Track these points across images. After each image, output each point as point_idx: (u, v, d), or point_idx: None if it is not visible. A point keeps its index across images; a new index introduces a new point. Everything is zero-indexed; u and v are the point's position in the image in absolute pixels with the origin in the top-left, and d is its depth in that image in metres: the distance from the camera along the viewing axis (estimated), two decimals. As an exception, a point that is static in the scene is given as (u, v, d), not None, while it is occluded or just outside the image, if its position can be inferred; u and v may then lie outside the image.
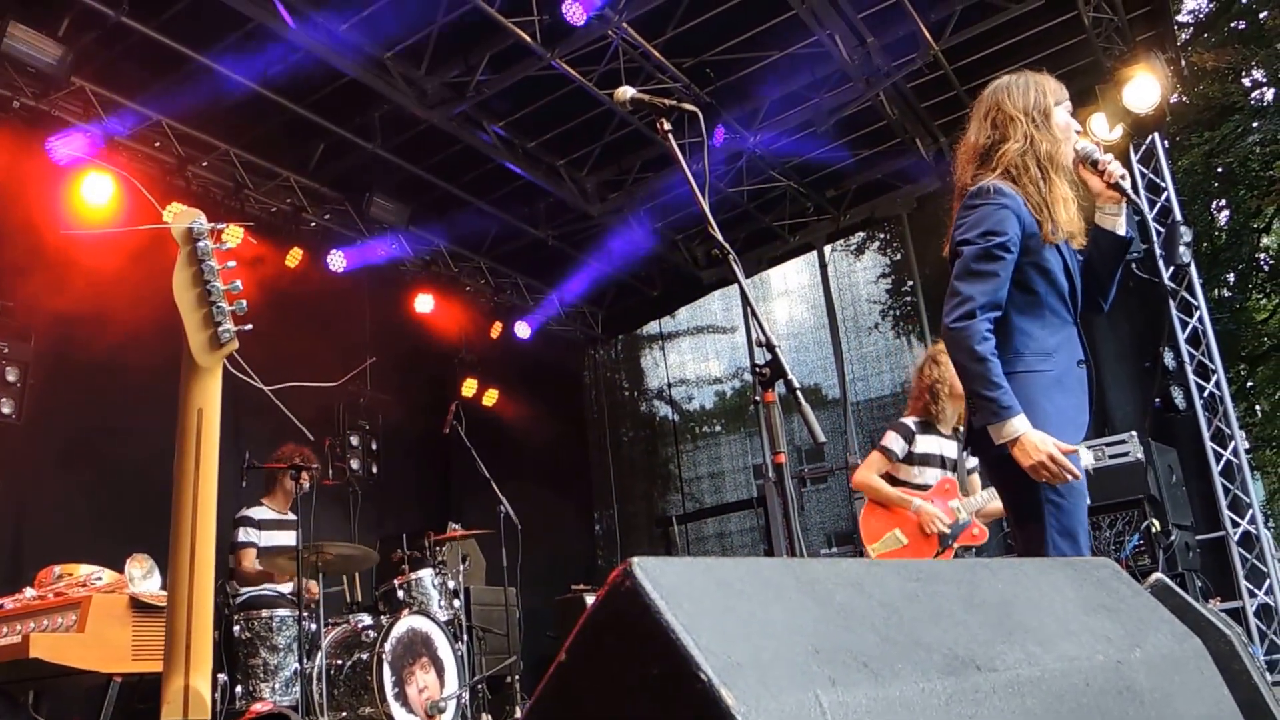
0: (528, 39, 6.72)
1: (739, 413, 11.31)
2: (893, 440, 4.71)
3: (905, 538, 4.57)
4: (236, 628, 5.29)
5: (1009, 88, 2.80)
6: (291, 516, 5.88)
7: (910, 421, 4.75)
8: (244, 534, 5.76)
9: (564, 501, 10.77)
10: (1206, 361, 8.21)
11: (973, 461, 4.65)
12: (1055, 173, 2.68)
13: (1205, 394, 8.13)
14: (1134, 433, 7.19)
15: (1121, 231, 2.78)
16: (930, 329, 9.51)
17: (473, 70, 7.16)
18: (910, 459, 4.68)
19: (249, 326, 2.10)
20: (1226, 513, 7.87)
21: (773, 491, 9.53)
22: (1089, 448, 3.23)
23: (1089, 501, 2.81)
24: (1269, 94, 14.34)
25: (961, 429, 4.56)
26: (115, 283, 6.27)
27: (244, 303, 2.09)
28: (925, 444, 4.70)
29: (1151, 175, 8.64)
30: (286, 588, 5.71)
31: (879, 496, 4.67)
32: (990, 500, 4.55)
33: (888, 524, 4.64)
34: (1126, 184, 2.70)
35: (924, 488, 4.65)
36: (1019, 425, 2.50)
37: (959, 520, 4.53)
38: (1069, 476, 2.53)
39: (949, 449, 4.70)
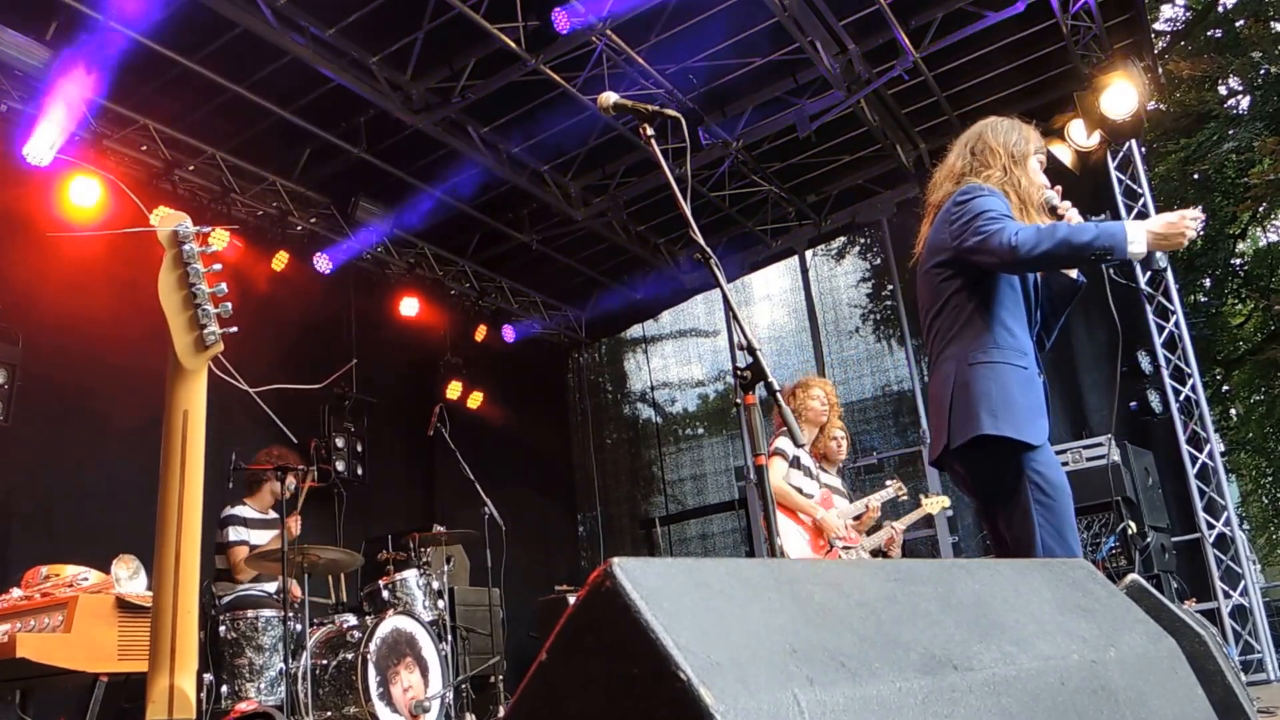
0: (512, 45, 6.74)
1: (721, 415, 11.35)
2: (783, 443, 5.09)
3: (808, 543, 5.05)
4: (222, 628, 5.29)
5: (996, 125, 2.95)
6: (275, 516, 5.87)
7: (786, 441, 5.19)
8: (235, 532, 5.75)
9: (548, 503, 10.78)
10: (1182, 365, 8.29)
11: (831, 480, 5.31)
12: (1030, 207, 2.83)
13: (1181, 398, 8.22)
14: (1110, 436, 7.28)
15: (1074, 275, 2.91)
16: (910, 333, 9.57)
17: (458, 75, 7.17)
18: (796, 463, 5.12)
19: (234, 329, 2.10)
20: (1202, 515, 7.95)
21: (754, 493, 9.58)
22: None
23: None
24: (1244, 102, 14.49)
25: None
26: (101, 285, 6.26)
27: (229, 305, 2.10)
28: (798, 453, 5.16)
29: (1129, 181, 8.73)
30: (271, 586, 5.72)
31: (789, 502, 5.04)
32: (855, 511, 5.29)
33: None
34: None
35: (808, 496, 5.10)
36: (1132, 230, 2.56)
37: (840, 528, 5.11)
38: (1193, 229, 2.57)
39: (812, 463, 5.22)
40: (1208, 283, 16.38)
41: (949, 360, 2.70)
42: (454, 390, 9.49)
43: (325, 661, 5.33)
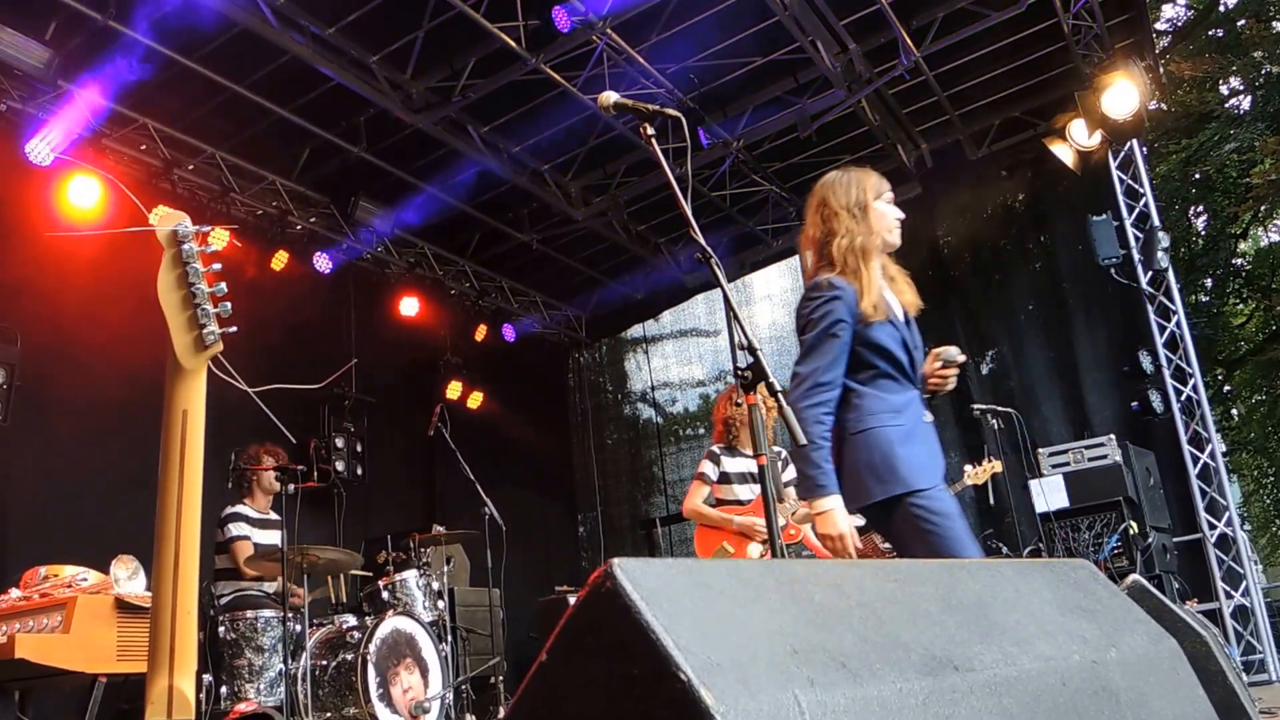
0: (513, 44, 6.74)
1: (722, 416, 11.31)
2: (706, 466, 5.25)
3: (732, 547, 5.06)
4: (221, 628, 5.28)
5: (834, 184, 3.10)
6: (275, 516, 5.87)
7: (716, 448, 5.29)
8: (237, 528, 5.75)
9: (548, 503, 10.78)
10: (1184, 365, 8.29)
11: (789, 474, 5.16)
12: (867, 262, 2.98)
13: (1183, 398, 8.21)
14: (1112, 436, 7.27)
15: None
16: (912, 333, 9.56)
17: (458, 75, 7.16)
18: (726, 479, 5.19)
19: (234, 329, 2.10)
20: (1203, 515, 7.95)
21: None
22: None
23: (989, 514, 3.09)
24: (1245, 102, 14.49)
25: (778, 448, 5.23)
26: (101, 285, 6.25)
27: (229, 305, 2.09)
28: (732, 464, 5.22)
29: (1130, 181, 8.72)
30: (271, 587, 5.71)
31: (705, 520, 5.16)
32: (799, 506, 5.12)
33: (716, 539, 5.12)
34: (943, 392, 3.12)
35: (744, 502, 5.13)
36: (830, 503, 2.80)
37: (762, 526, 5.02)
38: (848, 554, 2.80)
39: (755, 466, 5.12)
40: (1209, 283, 16.39)
41: (834, 432, 2.90)
42: (454, 390, 9.49)
43: (325, 662, 5.33)
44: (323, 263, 8.36)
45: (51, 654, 3.52)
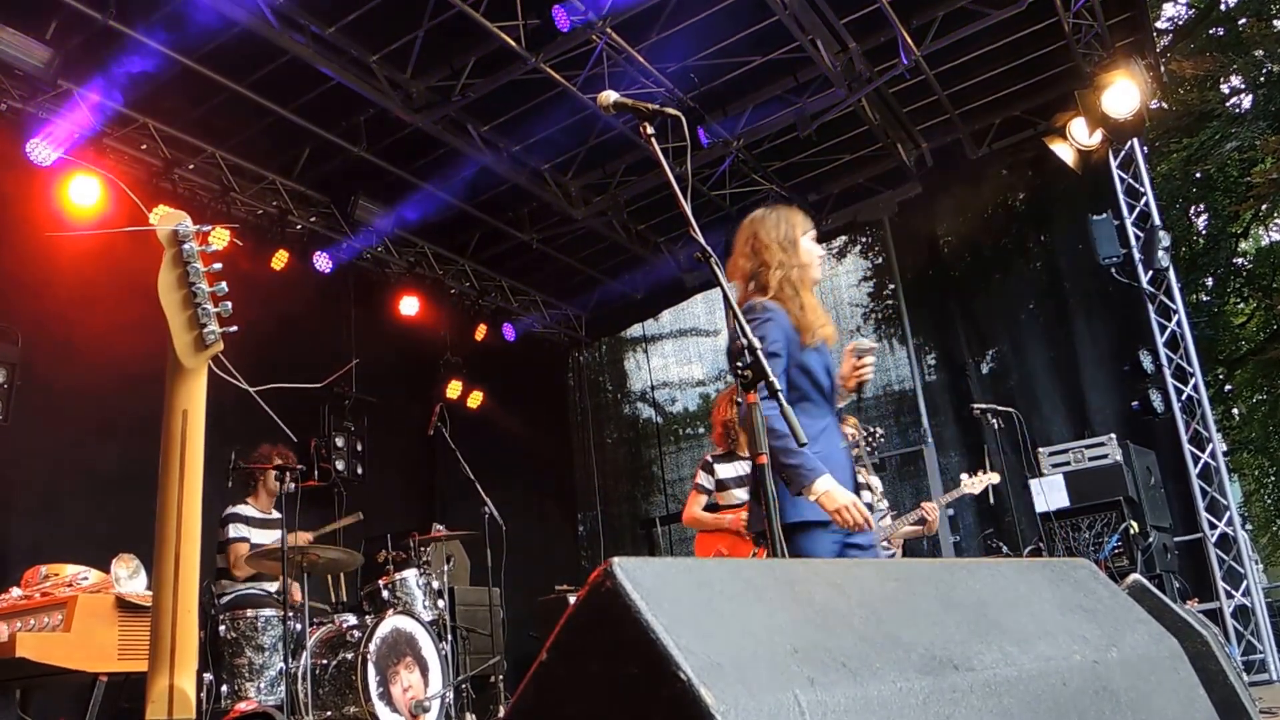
0: (512, 43, 6.73)
1: (722, 415, 11.31)
2: (701, 478, 5.31)
3: (727, 550, 5.08)
4: (222, 627, 5.28)
5: (764, 220, 3.28)
6: (277, 516, 5.87)
7: (709, 456, 5.35)
8: (235, 529, 5.75)
9: (548, 503, 10.78)
10: (1185, 365, 8.29)
11: None
12: (804, 290, 3.18)
13: (1183, 397, 8.21)
14: (1113, 435, 7.27)
15: (866, 345, 3.35)
16: (911, 332, 9.57)
17: (458, 74, 7.17)
18: (723, 486, 5.22)
19: (234, 328, 2.10)
20: (1204, 514, 7.95)
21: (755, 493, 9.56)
22: None
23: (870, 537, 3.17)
24: (1246, 101, 14.48)
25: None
26: (101, 284, 6.25)
27: (229, 305, 2.09)
28: (727, 470, 5.24)
29: (1131, 180, 8.72)
30: (272, 586, 5.72)
31: (702, 526, 5.23)
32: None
33: (713, 544, 5.16)
34: (866, 388, 3.31)
35: (745, 505, 5.10)
36: (823, 484, 2.92)
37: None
38: (865, 524, 2.95)
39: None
40: (1210, 282, 16.38)
41: (749, 460, 3.02)
42: (454, 389, 9.49)
43: (325, 661, 5.33)
44: (323, 262, 8.36)
45: (52, 653, 3.52)
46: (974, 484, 5.88)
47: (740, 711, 1.14)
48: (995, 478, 5.93)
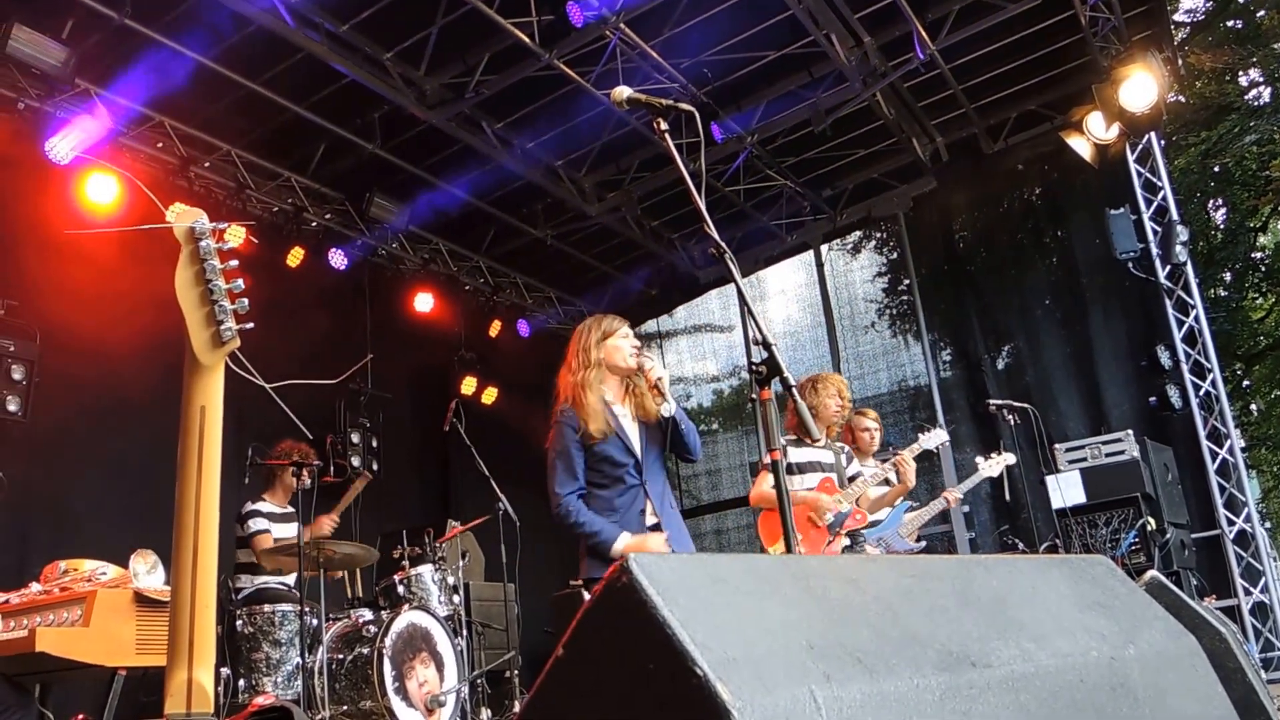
0: (526, 40, 6.73)
1: (736, 411, 11.32)
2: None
3: (799, 533, 5.01)
4: (239, 622, 5.32)
5: (580, 328, 3.81)
6: (294, 510, 5.91)
7: (783, 440, 5.16)
8: (256, 523, 5.79)
9: (562, 499, 10.77)
10: (1203, 360, 8.23)
11: (853, 469, 5.28)
12: (587, 392, 3.67)
13: (1201, 393, 8.16)
14: (1130, 431, 7.23)
15: (666, 414, 3.75)
16: (926, 327, 9.53)
17: (472, 71, 7.17)
18: (791, 470, 5.12)
19: (250, 325, 2.10)
20: (1222, 511, 7.89)
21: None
22: None
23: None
24: (1265, 94, 14.35)
25: (832, 441, 5.34)
26: (119, 281, 6.29)
27: (245, 301, 2.10)
28: (799, 455, 5.19)
29: (1148, 174, 8.66)
30: (291, 579, 5.76)
31: (772, 504, 5.08)
32: (864, 489, 5.14)
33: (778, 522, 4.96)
34: (665, 385, 3.70)
35: (810, 490, 5.13)
36: (622, 542, 3.54)
37: (841, 510, 5.03)
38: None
39: (824, 456, 5.23)
40: (1228, 277, 16.25)
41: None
42: (469, 385, 9.51)
43: (341, 656, 5.36)
44: (338, 259, 8.39)
45: (71, 647, 3.55)
46: (991, 466, 5.88)
47: (756, 707, 1.14)
48: (1011, 458, 5.92)
